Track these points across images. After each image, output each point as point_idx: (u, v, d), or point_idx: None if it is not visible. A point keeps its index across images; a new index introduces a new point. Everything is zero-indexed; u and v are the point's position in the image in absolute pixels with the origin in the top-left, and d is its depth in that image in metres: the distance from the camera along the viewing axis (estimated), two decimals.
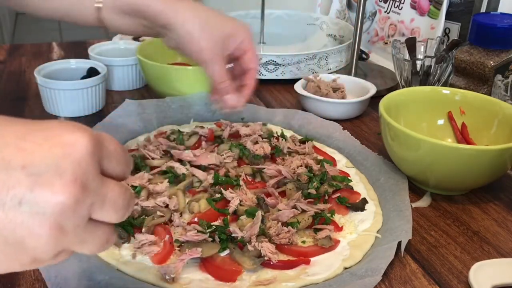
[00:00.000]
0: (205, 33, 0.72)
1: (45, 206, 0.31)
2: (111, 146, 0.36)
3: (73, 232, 0.33)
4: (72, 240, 0.33)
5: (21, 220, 0.31)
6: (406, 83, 1.00)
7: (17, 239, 0.32)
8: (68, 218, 0.32)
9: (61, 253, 0.34)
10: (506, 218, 0.70)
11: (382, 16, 1.29)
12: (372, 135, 0.92)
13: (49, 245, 0.32)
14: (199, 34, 0.72)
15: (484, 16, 0.94)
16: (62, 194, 0.32)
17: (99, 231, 0.35)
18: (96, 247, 0.36)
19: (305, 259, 0.61)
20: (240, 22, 0.76)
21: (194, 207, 0.68)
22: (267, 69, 1.12)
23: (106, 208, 0.35)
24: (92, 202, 0.34)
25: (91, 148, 0.33)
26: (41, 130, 0.33)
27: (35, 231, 0.31)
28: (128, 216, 0.38)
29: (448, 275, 0.60)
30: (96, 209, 0.34)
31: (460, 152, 0.67)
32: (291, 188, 0.71)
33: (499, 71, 0.89)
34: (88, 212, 0.34)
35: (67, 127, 0.34)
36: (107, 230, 0.36)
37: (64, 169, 0.32)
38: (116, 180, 0.36)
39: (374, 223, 0.68)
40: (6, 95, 1.05)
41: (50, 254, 0.33)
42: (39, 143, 0.32)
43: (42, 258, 0.33)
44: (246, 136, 0.84)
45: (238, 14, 1.42)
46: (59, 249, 0.33)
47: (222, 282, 0.57)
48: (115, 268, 0.59)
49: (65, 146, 0.32)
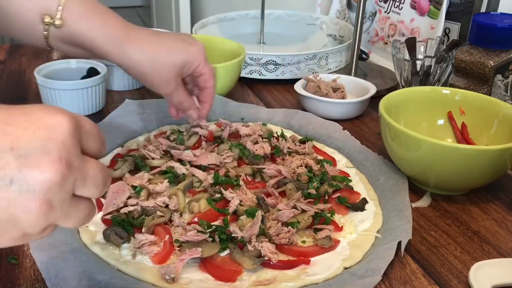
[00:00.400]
0: (157, 73, 0.73)
1: (34, 184, 0.34)
2: (88, 126, 0.39)
3: (60, 206, 0.36)
4: (58, 215, 0.36)
5: (13, 198, 0.34)
6: (406, 83, 1.00)
7: (10, 216, 0.34)
8: (56, 194, 0.35)
9: (47, 228, 0.37)
10: (506, 218, 0.70)
11: (382, 16, 1.29)
12: (372, 135, 0.92)
13: (39, 220, 0.35)
14: (152, 75, 0.73)
15: (484, 16, 0.94)
16: (49, 172, 0.34)
17: (81, 205, 0.39)
18: (79, 221, 0.39)
19: (305, 259, 0.61)
20: (192, 44, 0.76)
21: (194, 207, 0.68)
22: (267, 69, 1.12)
23: (88, 183, 0.38)
24: (76, 178, 0.37)
25: (72, 129, 0.36)
26: (23, 115, 0.35)
27: (26, 207, 0.34)
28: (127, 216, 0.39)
29: (448, 275, 0.60)
30: (79, 185, 0.37)
31: (460, 152, 0.67)
32: (291, 188, 0.71)
33: (499, 71, 0.89)
34: (72, 187, 0.37)
35: (48, 111, 0.36)
36: (88, 204, 0.39)
37: (50, 149, 0.35)
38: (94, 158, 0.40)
39: (374, 223, 0.68)
40: (6, 95, 1.05)
41: (39, 229, 0.36)
42: (24, 127, 0.35)
43: (31, 233, 0.36)
44: (246, 136, 0.84)
45: (238, 14, 1.42)
46: (47, 223, 0.36)
47: (222, 282, 0.57)
48: (115, 268, 0.59)
49: (48, 128, 0.35)
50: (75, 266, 0.56)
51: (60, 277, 0.54)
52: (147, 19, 4.39)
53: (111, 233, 0.62)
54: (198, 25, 1.31)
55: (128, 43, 0.71)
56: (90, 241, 0.62)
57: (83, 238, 0.63)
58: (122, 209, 0.66)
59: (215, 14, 1.39)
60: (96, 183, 0.38)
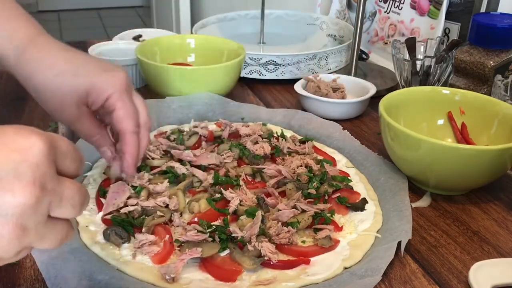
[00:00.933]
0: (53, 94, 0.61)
1: (7, 208, 0.33)
2: (63, 146, 0.38)
3: (35, 229, 0.35)
4: (33, 238, 0.35)
5: None
6: (406, 83, 1.00)
7: None
8: (30, 217, 0.34)
9: (22, 250, 0.36)
10: (506, 218, 0.70)
11: (382, 16, 1.29)
12: (372, 135, 0.92)
13: (12, 245, 0.34)
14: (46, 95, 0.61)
15: (484, 16, 0.94)
16: (22, 196, 0.34)
17: (58, 226, 0.38)
18: (56, 242, 0.38)
19: (305, 259, 0.61)
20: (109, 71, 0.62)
21: (194, 207, 0.68)
22: (267, 69, 1.12)
23: (63, 204, 0.37)
24: (51, 200, 0.36)
25: (46, 151, 0.35)
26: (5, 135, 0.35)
27: None
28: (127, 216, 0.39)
29: (448, 275, 0.60)
30: (54, 207, 0.36)
31: (460, 152, 0.67)
32: (291, 188, 0.71)
33: (499, 71, 0.89)
34: (47, 210, 0.36)
35: (21, 132, 0.35)
36: (66, 225, 0.38)
37: (23, 172, 0.34)
38: (71, 178, 0.38)
39: (374, 223, 0.68)
40: (6, 95, 1.05)
41: (12, 253, 0.35)
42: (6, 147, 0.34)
43: (4, 257, 0.35)
44: (246, 136, 0.84)
45: (238, 14, 1.42)
46: (21, 247, 0.35)
47: (222, 282, 0.57)
48: (115, 268, 0.59)
49: (22, 150, 0.34)
50: (75, 266, 0.56)
51: (60, 277, 0.54)
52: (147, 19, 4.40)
53: (111, 233, 0.62)
54: (198, 25, 1.31)
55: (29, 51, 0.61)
56: (90, 241, 0.62)
57: (83, 238, 0.63)
58: (122, 209, 0.66)
59: (215, 14, 1.39)
60: (73, 203, 0.37)
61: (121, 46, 1.14)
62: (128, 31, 1.26)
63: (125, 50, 1.13)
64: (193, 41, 1.11)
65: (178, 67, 0.98)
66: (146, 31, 1.27)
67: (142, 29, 1.28)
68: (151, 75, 0.99)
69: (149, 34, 1.24)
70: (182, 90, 0.96)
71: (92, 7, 4.84)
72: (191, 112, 0.94)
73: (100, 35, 4.09)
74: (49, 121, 0.91)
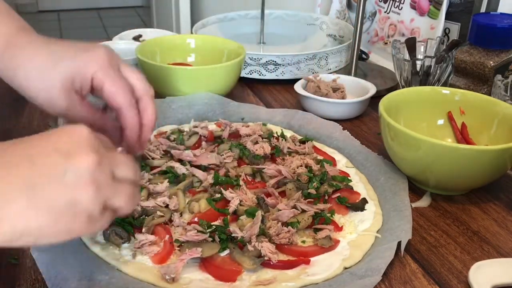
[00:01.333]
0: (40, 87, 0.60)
1: (80, 168, 0.42)
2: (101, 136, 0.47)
3: (105, 184, 0.43)
4: (107, 192, 0.44)
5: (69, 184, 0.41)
6: (406, 83, 1.00)
7: (72, 201, 0.41)
8: (99, 174, 0.43)
9: (106, 210, 0.44)
10: (506, 218, 0.70)
11: (382, 16, 1.29)
12: (372, 135, 0.92)
13: (94, 197, 0.42)
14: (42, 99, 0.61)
15: (484, 16, 0.94)
16: (86, 158, 0.42)
17: (124, 185, 0.46)
18: (126, 199, 0.46)
19: (305, 259, 0.61)
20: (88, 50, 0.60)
21: (194, 207, 0.68)
22: (267, 69, 1.12)
23: (120, 166, 0.46)
24: (109, 161, 0.44)
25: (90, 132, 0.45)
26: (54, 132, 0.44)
27: (80, 189, 0.42)
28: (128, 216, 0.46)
29: (448, 275, 0.60)
30: (113, 167, 0.45)
31: (460, 152, 0.67)
32: (291, 188, 0.71)
33: (499, 71, 0.89)
34: (110, 169, 0.44)
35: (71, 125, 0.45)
36: (131, 186, 0.47)
37: (81, 144, 0.43)
38: None
39: (374, 223, 0.68)
40: (6, 95, 1.05)
41: (97, 208, 0.43)
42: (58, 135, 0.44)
43: (93, 213, 0.43)
44: (246, 136, 0.84)
45: (238, 14, 1.42)
46: (101, 201, 0.43)
47: (222, 282, 0.57)
48: (115, 268, 0.59)
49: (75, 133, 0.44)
50: (75, 266, 0.56)
51: (60, 277, 0.54)
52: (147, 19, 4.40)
53: (111, 233, 0.62)
54: (198, 25, 1.31)
55: (10, 49, 0.60)
56: (90, 241, 0.62)
57: (83, 238, 0.63)
58: None
59: (215, 14, 1.39)
60: (127, 166, 0.47)
61: (121, 46, 1.14)
62: (128, 31, 1.26)
63: (125, 50, 1.12)
64: (193, 41, 1.11)
65: (178, 67, 0.98)
66: (146, 31, 1.27)
67: (142, 29, 1.28)
68: (151, 75, 0.98)
69: (149, 34, 1.24)
70: (182, 90, 0.96)
71: (92, 7, 4.84)
72: (191, 112, 0.94)
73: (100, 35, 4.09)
74: (49, 121, 0.91)
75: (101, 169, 0.43)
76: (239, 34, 1.33)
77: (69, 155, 0.42)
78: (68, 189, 0.41)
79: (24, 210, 0.40)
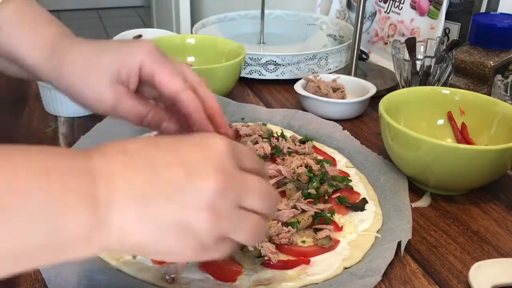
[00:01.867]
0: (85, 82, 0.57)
1: (201, 191, 0.39)
2: (241, 148, 0.44)
3: (226, 214, 0.40)
4: (226, 223, 0.40)
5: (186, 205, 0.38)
6: (406, 83, 1.00)
7: (185, 223, 0.38)
8: (220, 201, 0.39)
9: (222, 240, 0.41)
10: (506, 218, 0.70)
11: (382, 16, 1.29)
12: (372, 135, 0.92)
13: (208, 226, 0.39)
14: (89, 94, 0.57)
15: (484, 16, 0.94)
16: (211, 180, 0.39)
17: (249, 217, 0.42)
18: (249, 234, 0.42)
19: (305, 259, 0.61)
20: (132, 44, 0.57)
21: None
22: (267, 69, 1.12)
23: (250, 194, 0.41)
24: (236, 187, 0.40)
25: (227, 147, 0.41)
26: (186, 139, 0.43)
27: (196, 213, 0.38)
28: None
29: (448, 275, 0.60)
30: (241, 195, 0.41)
31: (460, 152, 0.67)
32: (291, 188, 0.71)
33: (499, 71, 0.89)
34: (236, 197, 0.40)
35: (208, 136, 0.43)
36: (257, 217, 0.42)
37: (210, 162, 0.40)
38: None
39: (374, 223, 0.68)
40: (6, 95, 1.05)
41: (211, 237, 0.39)
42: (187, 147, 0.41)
43: (206, 241, 0.39)
44: (246, 136, 0.84)
45: (238, 14, 1.42)
46: (217, 232, 0.39)
47: (222, 282, 0.57)
48: (115, 268, 0.59)
49: (210, 147, 0.41)
50: (75, 266, 0.56)
51: (60, 277, 0.54)
52: (147, 19, 4.40)
53: None
54: (198, 25, 1.31)
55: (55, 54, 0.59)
56: None
57: None
58: None
59: (215, 14, 1.39)
60: (259, 194, 0.42)
61: None
62: (128, 31, 1.26)
63: None
64: (193, 41, 1.11)
65: None
66: (146, 31, 1.27)
67: (142, 29, 1.27)
68: None
69: (149, 34, 1.24)
70: None
71: (92, 7, 4.84)
72: None
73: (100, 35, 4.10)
74: (49, 121, 0.91)
75: (225, 196, 0.39)
76: (239, 34, 1.33)
77: (193, 173, 0.39)
78: (183, 210, 0.39)
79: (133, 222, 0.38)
